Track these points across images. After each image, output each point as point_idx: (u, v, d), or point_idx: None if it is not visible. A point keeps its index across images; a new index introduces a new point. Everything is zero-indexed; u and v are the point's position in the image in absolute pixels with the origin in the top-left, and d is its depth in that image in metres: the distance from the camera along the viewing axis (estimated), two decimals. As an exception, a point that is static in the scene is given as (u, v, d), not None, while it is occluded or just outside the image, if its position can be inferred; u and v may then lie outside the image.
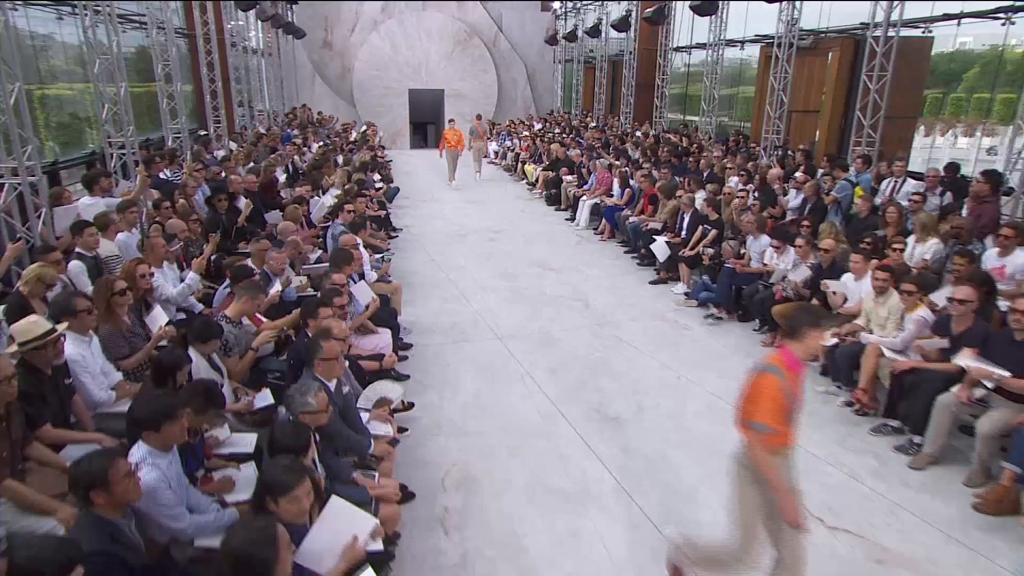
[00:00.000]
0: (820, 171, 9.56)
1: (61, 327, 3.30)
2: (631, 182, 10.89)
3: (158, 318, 4.36)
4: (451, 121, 15.91)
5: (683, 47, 16.92)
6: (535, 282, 8.74)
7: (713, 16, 13.11)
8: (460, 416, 5.33)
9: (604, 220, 11.15)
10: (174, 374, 3.50)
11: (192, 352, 3.87)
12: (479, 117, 20.34)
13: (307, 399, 3.00)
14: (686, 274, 8.37)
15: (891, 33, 8.93)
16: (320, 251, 7.22)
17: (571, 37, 20.59)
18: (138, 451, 2.73)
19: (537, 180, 15.03)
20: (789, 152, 10.85)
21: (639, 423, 5.24)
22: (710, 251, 7.71)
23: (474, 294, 8.23)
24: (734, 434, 3.22)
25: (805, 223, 7.30)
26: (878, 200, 7.62)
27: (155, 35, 9.66)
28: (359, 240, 6.33)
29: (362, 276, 5.91)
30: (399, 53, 22.67)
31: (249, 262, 5.60)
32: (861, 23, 10.25)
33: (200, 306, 5.31)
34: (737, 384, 5.79)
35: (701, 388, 5.81)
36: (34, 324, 3.15)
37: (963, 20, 8.62)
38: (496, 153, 19.66)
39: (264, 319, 4.61)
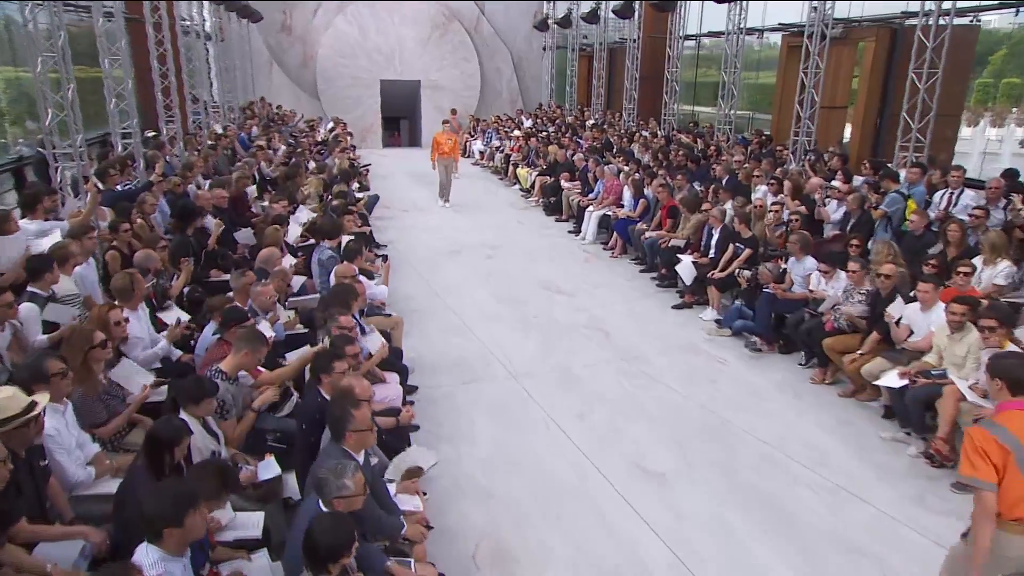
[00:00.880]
0: (861, 179, 9.63)
1: (41, 399, 3.11)
2: (645, 191, 10.91)
3: (135, 374, 4.18)
4: (445, 122, 15.55)
5: (694, 35, 17.06)
6: (544, 307, 8.68)
7: (731, 2, 13.22)
8: (482, 473, 5.21)
9: (615, 234, 11.16)
10: (172, 449, 3.35)
11: (184, 416, 3.71)
12: (454, 112, 20.37)
13: (344, 481, 2.86)
14: (716, 298, 8.35)
15: (943, 21, 9.00)
16: (303, 278, 7.08)
17: (564, 23, 20.67)
18: (149, 557, 2.56)
19: (533, 186, 15.02)
20: (823, 156, 10.94)
21: (687, 479, 5.17)
22: (747, 273, 7.70)
23: (478, 323, 8.13)
24: (797, 492, 3.15)
25: (854, 242, 7.33)
26: (931, 214, 7.68)
27: (101, 23, 9.42)
28: (356, 268, 6.18)
29: (362, 312, 5.77)
30: (369, 39, 22.55)
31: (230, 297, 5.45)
32: (903, 12, 10.40)
33: (177, 352, 5.13)
34: (789, 429, 5.81)
35: (750, 435, 5.77)
36: (10, 399, 2.96)
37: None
38: (482, 153, 19.62)
39: (262, 368, 4.45)
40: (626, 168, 12.18)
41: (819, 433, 5.78)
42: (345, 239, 7.13)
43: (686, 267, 8.66)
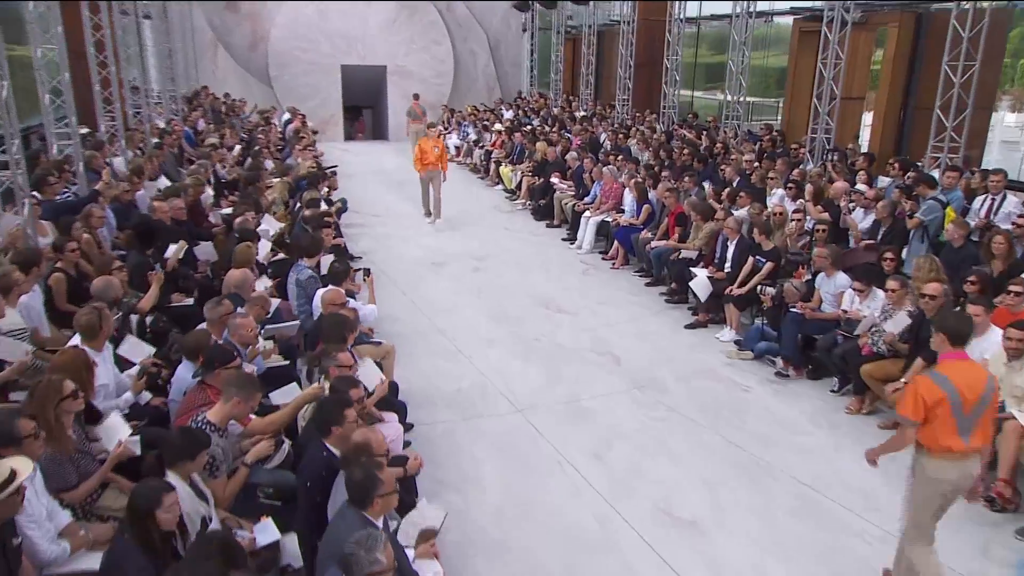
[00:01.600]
0: (886, 180, 9.78)
1: (21, 465, 3.01)
2: (649, 196, 10.98)
3: (114, 428, 4.07)
4: (431, 126, 14.83)
5: (695, 18, 17.21)
6: (545, 328, 8.71)
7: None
8: (495, 525, 5.19)
9: (615, 243, 11.22)
10: (154, 515, 3.28)
11: (171, 477, 3.63)
12: (416, 97, 20.37)
13: (376, 556, 2.82)
14: (734, 317, 8.43)
15: (983, 3, 9.07)
16: (276, 300, 6.99)
17: (547, 2, 20.74)
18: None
19: (519, 187, 15.04)
20: (846, 155, 11.10)
21: (721, 526, 5.20)
22: (771, 290, 7.78)
23: (472, 347, 8.12)
24: (845, 541, 3.20)
25: (888, 255, 7.44)
26: (970, 222, 7.82)
27: (32, 7, 9.20)
28: (342, 291, 6.12)
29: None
30: (328, 20, 22.39)
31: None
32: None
33: (146, 396, 5.02)
34: (829, 467, 5.83)
35: (786, 474, 5.82)
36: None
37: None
38: (458, 149, 19.61)
39: (251, 415, 4.38)
40: (622, 167, 12.27)
41: (862, 471, 5.75)
42: (326, 259, 7.05)
43: (701, 282, 8.71)
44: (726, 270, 8.76)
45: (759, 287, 8.02)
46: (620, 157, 13.09)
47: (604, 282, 10.47)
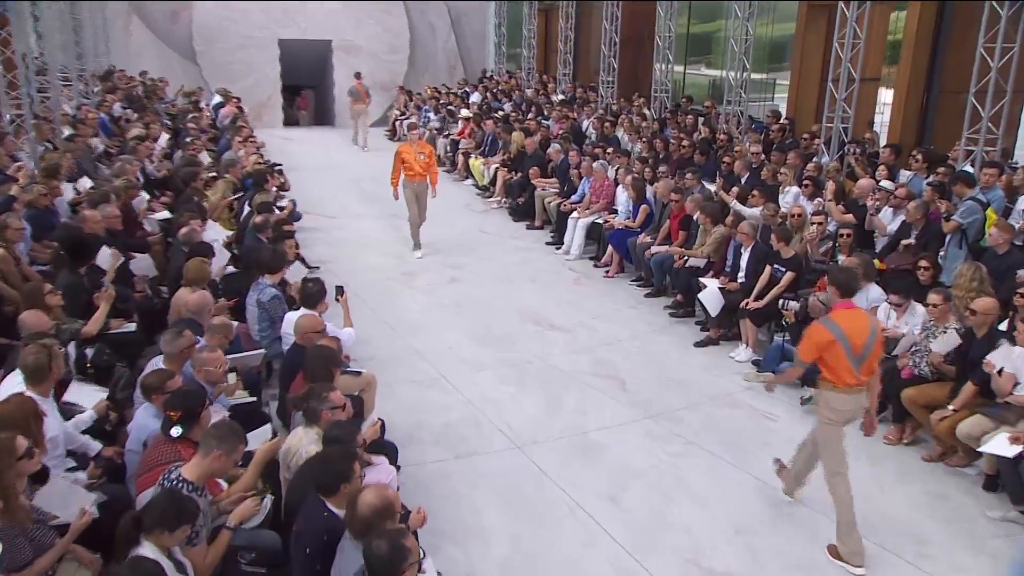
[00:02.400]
0: (908, 173, 9.95)
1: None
2: (647, 195, 11.06)
3: (68, 490, 3.94)
4: (413, 127, 13.11)
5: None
6: (536, 348, 8.71)
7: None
8: (503, 584, 5.19)
9: (609, 248, 11.27)
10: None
11: (147, 547, 3.55)
12: (359, 76, 20.37)
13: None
14: (751, 334, 8.52)
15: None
16: (233, 323, 6.88)
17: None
18: None
19: (493, 182, 15.04)
20: (865, 146, 11.29)
21: (763, 580, 5.27)
22: (794, 304, 7.89)
23: (458, 373, 8.10)
24: None
25: (923, 264, 7.56)
26: (1014, 223, 7.98)
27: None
28: (319, 317, 6.06)
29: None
30: (263, -14, 22.15)
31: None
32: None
33: (95, 445, 4.89)
34: (874, 508, 5.90)
35: (827, 518, 5.81)
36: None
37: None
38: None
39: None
40: (609, 160, 12.35)
41: (911, 512, 5.94)
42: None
43: (712, 295, 8.78)
44: (739, 280, 8.85)
45: (781, 301, 8.13)
46: (609, 149, 13.18)
47: (598, 293, 10.51)
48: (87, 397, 5.13)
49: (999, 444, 5.67)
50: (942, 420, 6.26)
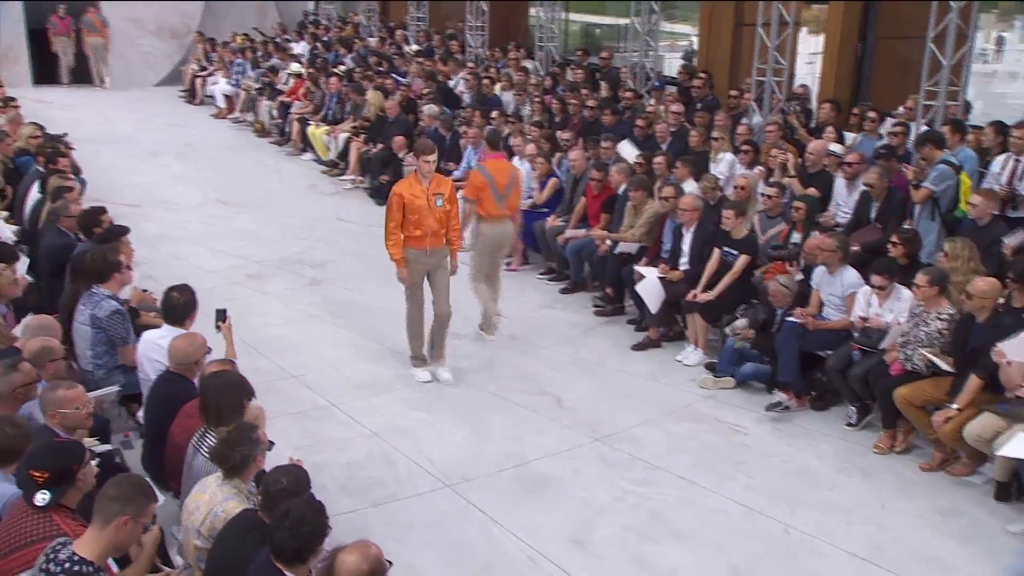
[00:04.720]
0: (858, 136, 10.45)
1: None
2: (555, 169, 11.09)
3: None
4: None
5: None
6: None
7: None
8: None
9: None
10: None
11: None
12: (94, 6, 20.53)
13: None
14: (701, 332, 8.43)
15: None
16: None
17: None
18: None
19: (343, 156, 14.70)
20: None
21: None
22: (742, 323, 8.03)
23: (350, 399, 7.68)
24: None
25: (895, 240, 7.63)
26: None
27: None
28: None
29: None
30: None
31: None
32: None
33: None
34: (882, 531, 6.10)
35: (831, 546, 5.81)
36: None
37: None
38: (229, 99, 19.10)
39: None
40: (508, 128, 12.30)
41: (924, 532, 5.90)
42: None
43: (651, 286, 8.59)
44: (682, 267, 8.79)
45: (727, 325, 8.20)
46: (496, 113, 13.12)
47: (503, 291, 10.42)
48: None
49: (1018, 445, 5.76)
50: (946, 421, 6.30)
